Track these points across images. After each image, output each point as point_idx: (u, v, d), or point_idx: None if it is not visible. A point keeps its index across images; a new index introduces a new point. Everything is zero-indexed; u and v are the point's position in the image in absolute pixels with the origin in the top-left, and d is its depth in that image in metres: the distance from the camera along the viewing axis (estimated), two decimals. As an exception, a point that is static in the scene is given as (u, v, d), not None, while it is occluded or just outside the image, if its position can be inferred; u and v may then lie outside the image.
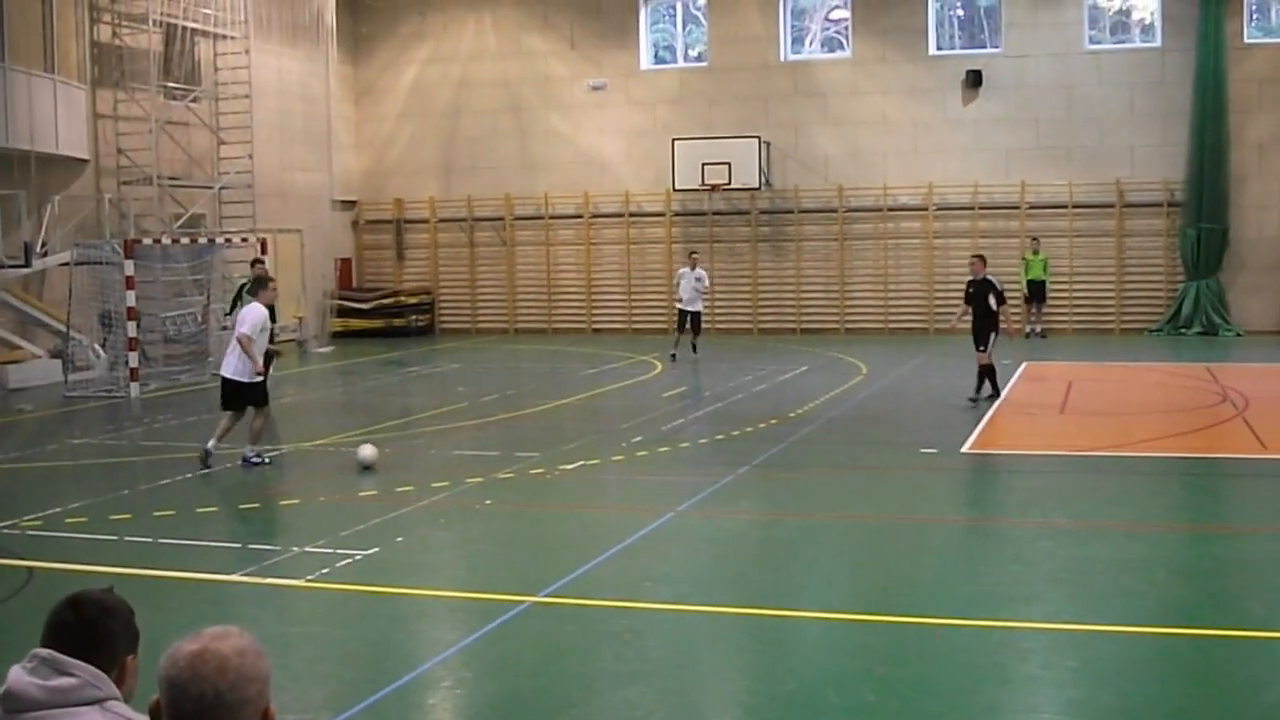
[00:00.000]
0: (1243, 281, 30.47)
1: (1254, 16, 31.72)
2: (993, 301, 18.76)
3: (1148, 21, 31.78)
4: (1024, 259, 30.52)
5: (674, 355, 25.58)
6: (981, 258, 19.71)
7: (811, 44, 34.07)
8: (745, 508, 12.53)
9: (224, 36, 29.31)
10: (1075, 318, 31.35)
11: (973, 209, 31.62)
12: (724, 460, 14.52)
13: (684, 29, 34.46)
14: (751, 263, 33.04)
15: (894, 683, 7.62)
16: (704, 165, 31.43)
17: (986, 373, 18.97)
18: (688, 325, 25.59)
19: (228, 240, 25.98)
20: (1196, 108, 30.11)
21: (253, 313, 14.57)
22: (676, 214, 33.37)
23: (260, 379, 14.56)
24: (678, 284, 26.47)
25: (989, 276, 19.11)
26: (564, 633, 8.73)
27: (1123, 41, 32.25)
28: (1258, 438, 15.95)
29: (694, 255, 27.51)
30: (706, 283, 26.08)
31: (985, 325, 18.86)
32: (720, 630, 8.87)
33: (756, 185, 31.86)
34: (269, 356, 15.54)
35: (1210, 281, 30.39)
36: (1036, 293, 30.41)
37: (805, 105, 32.58)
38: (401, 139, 35.42)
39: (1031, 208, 31.37)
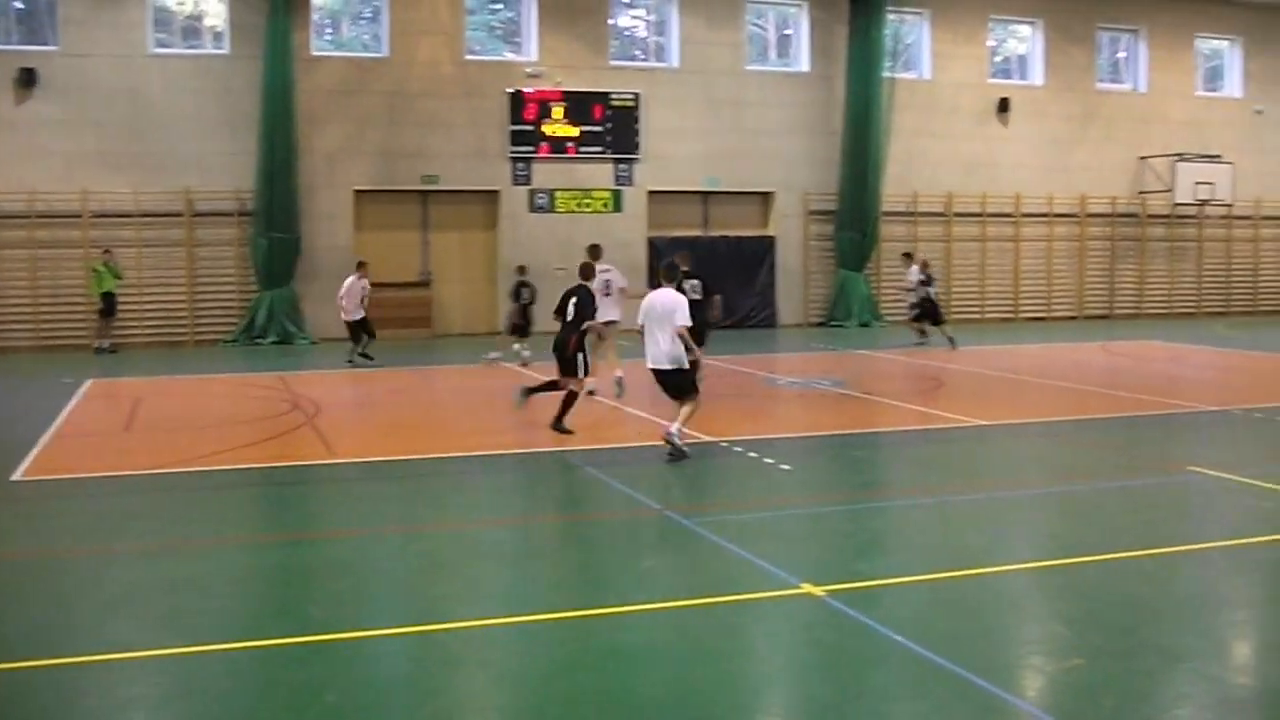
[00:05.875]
0: (316, 290, 31.06)
1: (325, 30, 32.69)
2: None
3: (219, 29, 31.53)
4: (95, 270, 29.02)
5: (366, 356, 25.66)
6: None
7: None
8: None
9: None
10: (146, 330, 30.45)
11: (29, 217, 29.58)
12: None
13: None
14: None
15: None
16: None
17: None
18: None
19: None
20: (265, 117, 30.39)
21: None
22: None
23: None
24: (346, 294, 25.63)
25: None
26: None
27: (194, 47, 31.75)
28: (325, 444, 16.13)
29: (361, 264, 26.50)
30: None
31: None
32: None
33: None
34: None
35: (284, 290, 30.87)
36: (109, 305, 29.09)
37: None
38: None
39: (95, 216, 29.98)
